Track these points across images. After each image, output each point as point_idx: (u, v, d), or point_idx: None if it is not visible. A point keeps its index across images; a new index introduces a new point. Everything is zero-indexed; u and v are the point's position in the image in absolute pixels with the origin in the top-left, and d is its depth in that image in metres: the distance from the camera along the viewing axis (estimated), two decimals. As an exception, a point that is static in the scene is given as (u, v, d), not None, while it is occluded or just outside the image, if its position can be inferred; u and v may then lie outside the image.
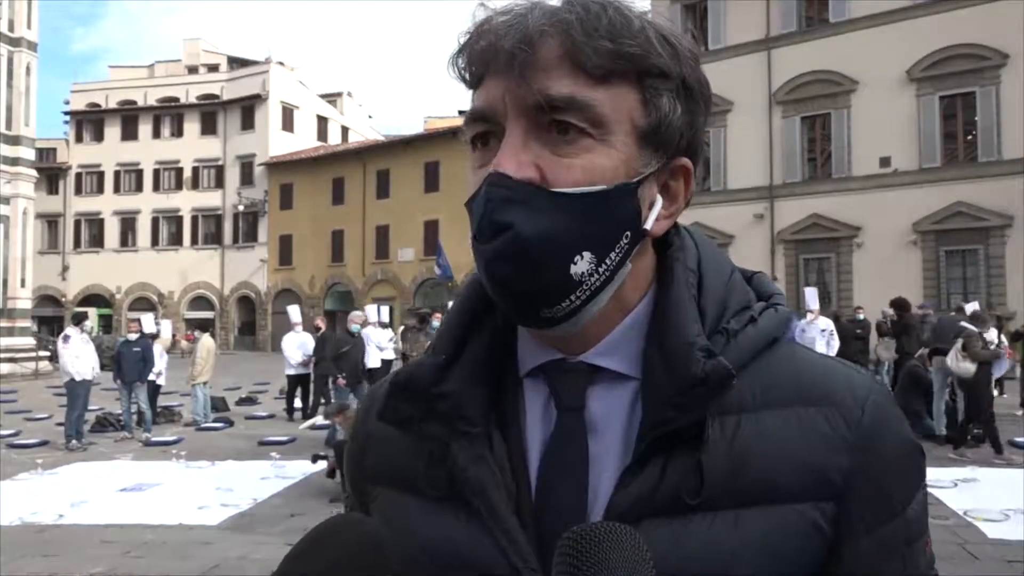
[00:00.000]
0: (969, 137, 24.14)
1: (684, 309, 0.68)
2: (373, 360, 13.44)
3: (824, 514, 0.65)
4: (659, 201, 0.69)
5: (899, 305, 14.88)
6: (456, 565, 0.67)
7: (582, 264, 0.64)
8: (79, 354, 11.62)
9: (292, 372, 14.21)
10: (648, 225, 0.68)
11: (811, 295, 13.59)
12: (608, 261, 0.65)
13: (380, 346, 13.95)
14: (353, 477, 0.82)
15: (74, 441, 11.27)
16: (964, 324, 9.70)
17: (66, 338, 11.86)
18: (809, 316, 12.95)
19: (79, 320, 12.34)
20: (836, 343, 12.93)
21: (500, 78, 0.65)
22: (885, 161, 24.84)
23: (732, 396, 0.65)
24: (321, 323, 14.67)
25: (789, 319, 0.73)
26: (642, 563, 0.55)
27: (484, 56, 0.66)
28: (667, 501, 0.64)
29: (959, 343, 9.28)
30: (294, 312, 15.15)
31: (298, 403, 14.19)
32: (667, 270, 0.71)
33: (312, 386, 14.01)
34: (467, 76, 0.68)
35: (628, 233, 0.66)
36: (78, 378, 11.48)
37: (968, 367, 9.06)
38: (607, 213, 0.65)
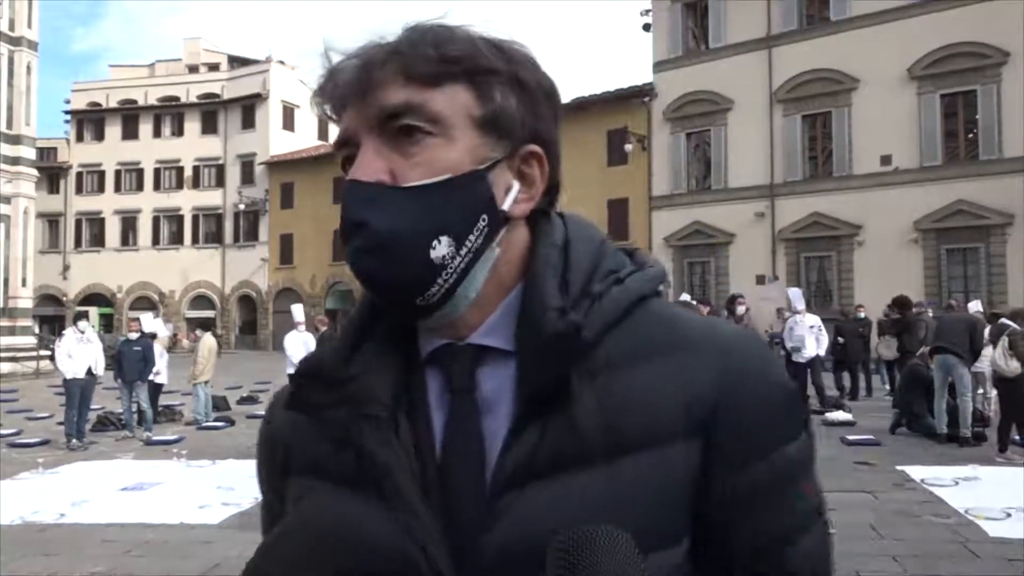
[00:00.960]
0: (970, 135, 24.13)
1: (542, 278, 0.73)
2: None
3: (695, 450, 0.70)
4: (515, 185, 0.74)
5: (901, 303, 14.88)
6: (365, 547, 0.69)
7: (441, 248, 0.69)
8: (71, 353, 11.65)
9: (293, 371, 14.21)
10: (506, 207, 0.73)
11: (795, 295, 13.68)
12: (468, 243, 0.70)
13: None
14: (268, 474, 0.84)
15: (75, 440, 11.28)
16: (1006, 321, 9.64)
17: (61, 336, 11.92)
18: (797, 315, 13.07)
19: (77, 319, 12.39)
20: (825, 339, 13.00)
21: (351, 107, 0.72)
22: (886, 159, 24.83)
23: (601, 354, 0.70)
24: (321, 323, 14.66)
25: (658, 277, 0.78)
26: (635, 569, 0.58)
27: (337, 91, 0.73)
28: (548, 462, 0.67)
29: (1005, 341, 9.17)
30: (297, 311, 15.13)
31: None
32: (533, 249, 0.76)
33: None
34: (329, 112, 0.75)
35: (485, 216, 0.71)
36: (68, 376, 11.52)
37: (1016, 366, 8.97)
38: (458, 199, 0.70)
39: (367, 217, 0.68)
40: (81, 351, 11.73)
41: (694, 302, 11.04)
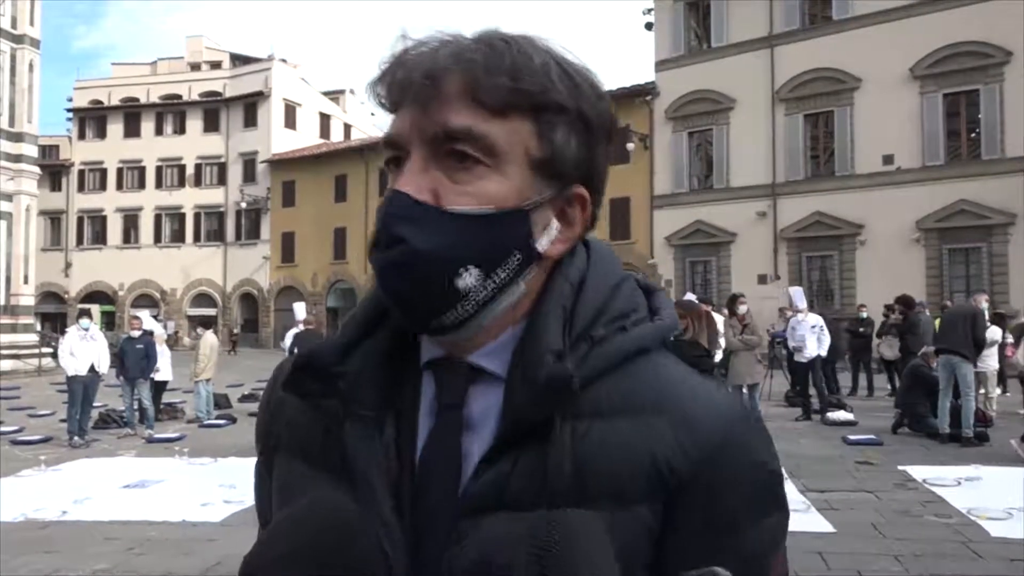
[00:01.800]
0: (972, 135, 24.11)
1: (547, 316, 0.72)
2: None
3: (656, 514, 0.69)
4: (555, 225, 0.73)
5: (904, 302, 14.87)
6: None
7: (468, 278, 0.69)
8: (73, 350, 11.67)
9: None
10: (542, 248, 0.72)
11: (797, 294, 13.65)
12: (495, 277, 0.70)
13: None
14: (263, 442, 0.85)
15: (76, 438, 11.29)
16: None
17: (64, 334, 11.93)
18: (799, 315, 13.04)
19: (81, 317, 12.40)
20: (827, 339, 12.98)
21: (409, 109, 0.71)
22: (888, 159, 24.81)
23: (587, 401, 0.69)
24: (306, 324, 14.71)
25: (666, 329, 0.76)
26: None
27: (398, 88, 0.72)
28: (514, 495, 0.67)
29: None
30: (299, 309, 15.16)
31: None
32: (548, 284, 0.75)
33: None
34: (385, 104, 0.74)
35: (518, 255, 0.71)
36: (70, 373, 11.54)
37: None
38: (496, 234, 0.69)
39: (404, 233, 0.68)
40: (84, 348, 11.73)
41: (696, 299, 10.99)
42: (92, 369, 11.71)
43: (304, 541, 0.70)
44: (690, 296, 13.36)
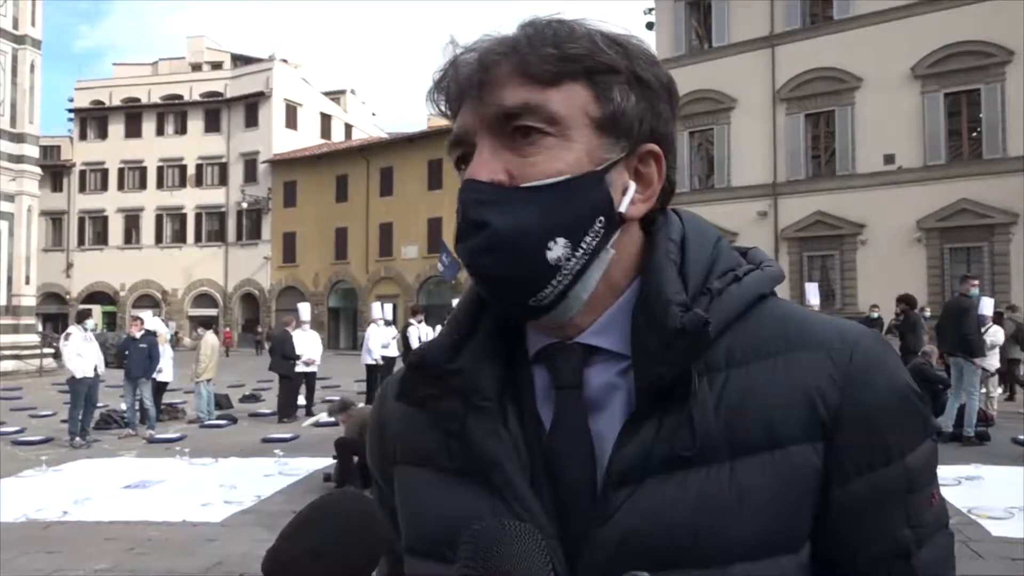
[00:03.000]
0: (974, 134, 24.09)
1: (662, 272, 0.72)
2: (374, 357, 14.58)
3: (817, 453, 0.68)
4: (632, 186, 0.73)
5: (905, 301, 14.85)
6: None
7: (557, 249, 0.68)
8: (80, 352, 11.66)
9: (299, 369, 14.25)
10: (623, 208, 0.72)
11: (811, 290, 13.64)
12: (584, 245, 0.69)
13: (383, 344, 14.71)
14: (377, 462, 0.85)
15: (78, 439, 11.30)
16: None
17: (67, 336, 11.88)
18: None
19: (82, 318, 12.39)
20: None
21: (468, 105, 0.72)
22: (889, 158, 24.79)
23: (720, 352, 0.70)
24: (287, 323, 14.85)
25: (776, 276, 0.77)
26: (538, 561, 0.60)
27: (456, 91, 0.73)
28: (664, 458, 0.67)
29: None
30: (304, 310, 15.17)
31: (301, 400, 14.23)
32: (651, 245, 0.75)
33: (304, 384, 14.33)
34: (446, 111, 0.76)
35: (602, 218, 0.70)
36: (78, 375, 11.51)
37: None
38: (575, 200, 0.69)
39: (487, 217, 0.68)
40: (89, 350, 11.78)
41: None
42: (94, 370, 11.74)
43: (332, 532, 0.70)
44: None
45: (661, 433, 0.67)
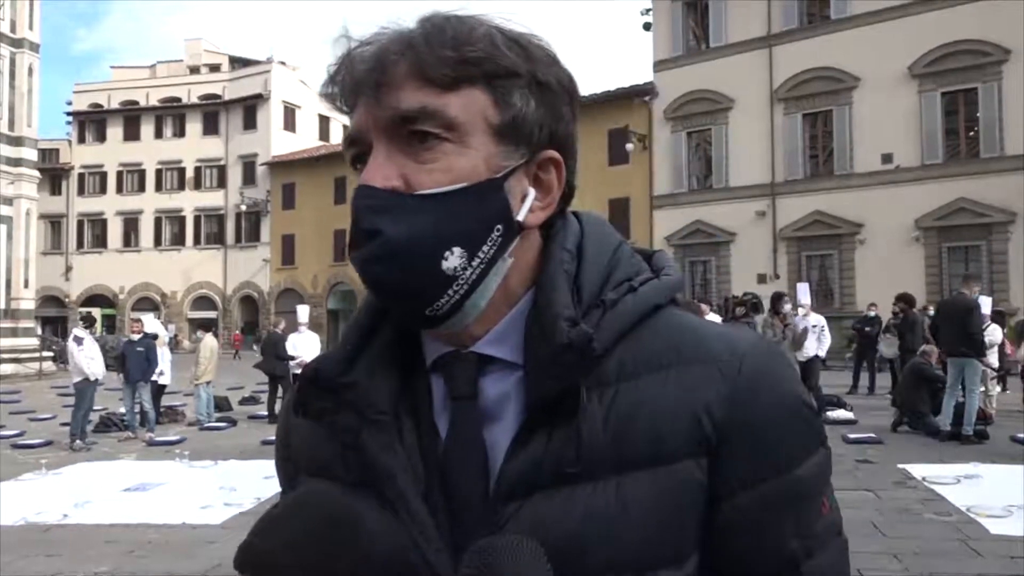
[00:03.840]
0: (971, 133, 24.13)
1: (554, 285, 0.71)
2: None
3: (701, 468, 0.68)
4: (531, 193, 0.72)
5: (904, 300, 14.86)
6: (370, 551, 0.69)
7: (453, 259, 0.67)
8: (93, 355, 11.80)
9: (299, 372, 14.29)
10: (520, 217, 0.70)
11: (802, 290, 13.63)
12: (481, 254, 0.68)
13: None
14: (282, 472, 0.84)
15: (79, 441, 11.32)
16: None
17: (78, 340, 11.93)
18: (801, 311, 12.92)
19: (91, 323, 12.49)
20: (828, 339, 12.84)
21: (363, 103, 0.69)
22: (887, 158, 24.82)
23: (611, 365, 0.69)
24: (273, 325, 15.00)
25: (674, 286, 0.76)
26: (539, 572, 0.60)
27: (349, 86, 0.70)
28: (552, 473, 0.67)
29: None
30: (303, 312, 15.16)
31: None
32: (545, 255, 0.74)
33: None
34: (342, 106, 0.73)
35: (499, 227, 0.69)
36: (92, 378, 11.64)
37: None
38: (472, 209, 0.68)
39: (380, 225, 0.66)
40: (96, 352, 11.89)
41: (697, 302, 11.01)
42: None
43: (308, 526, 0.70)
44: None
45: (550, 447, 0.67)
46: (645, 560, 0.65)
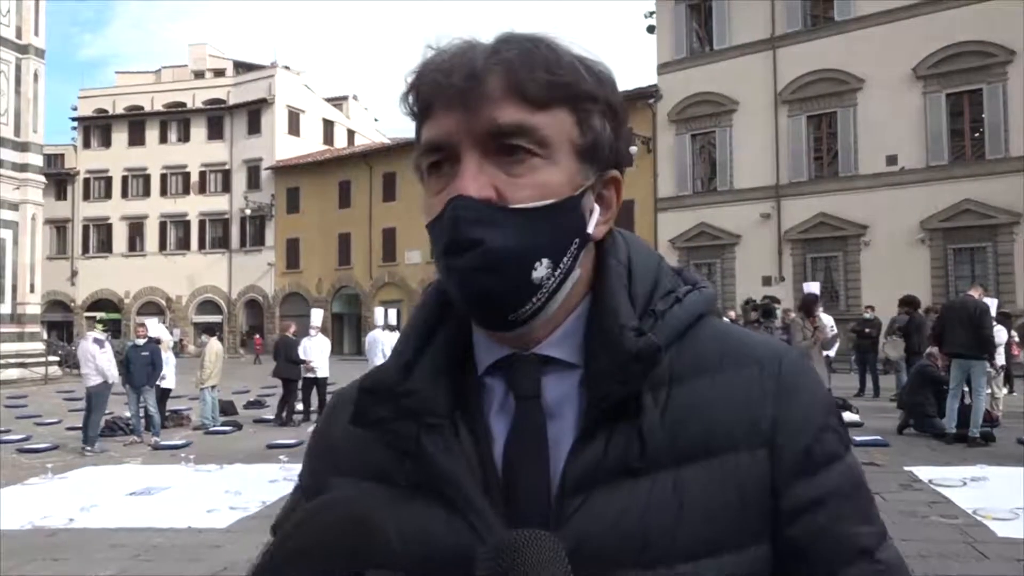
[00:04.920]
0: (976, 134, 24.07)
1: (616, 296, 0.76)
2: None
3: (759, 459, 0.72)
4: (596, 209, 0.77)
5: (909, 303, 14.84)
6: (434, 552, 0.71)
7: (541, 270, 0.72)
8: (111, 358, 11.99)
9: (312, 376, 14.30)
10: (591, 230, 0.76)
11: (812, 289, 13.57)
12: (562, 265, 0.73)
13: (384, 352, 14.61)
14: (315, 468, 0.85)
15: (98, 444, 11.46)
16: None
17: (100, 342, 12.06)
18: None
19: (107, 327, 12.65)
20: (838, 340, 12.78)
21: (452, 111, 0.72)
22: (892, 159, 24.77)
23: (663, 370, 0.73)
24: (284, 329, 15.09)
25: (712, 298, 0.82)
26: (559, 568, 0.62)
27: (433, 91, 0.73)
28: (614, 469, 0.70)
29: None
30: (316, 316, 15.15)
31: (299, 406, 14.29)
32: (603, 266, 0.79)
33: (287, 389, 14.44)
34: (416, 110, 0.76)
35: (577, 240, 0.74)
36: (111, 381, 11.84)
37: None
38: (559, 223, 0.73)
39: (482, 235, 0.69)
40: (113, 356, 12.13)
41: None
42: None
43: (328, 534, 0.70)
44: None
45: (611, 444, 0.71)
46: (704, 546, 0.69)
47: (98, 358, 11.75)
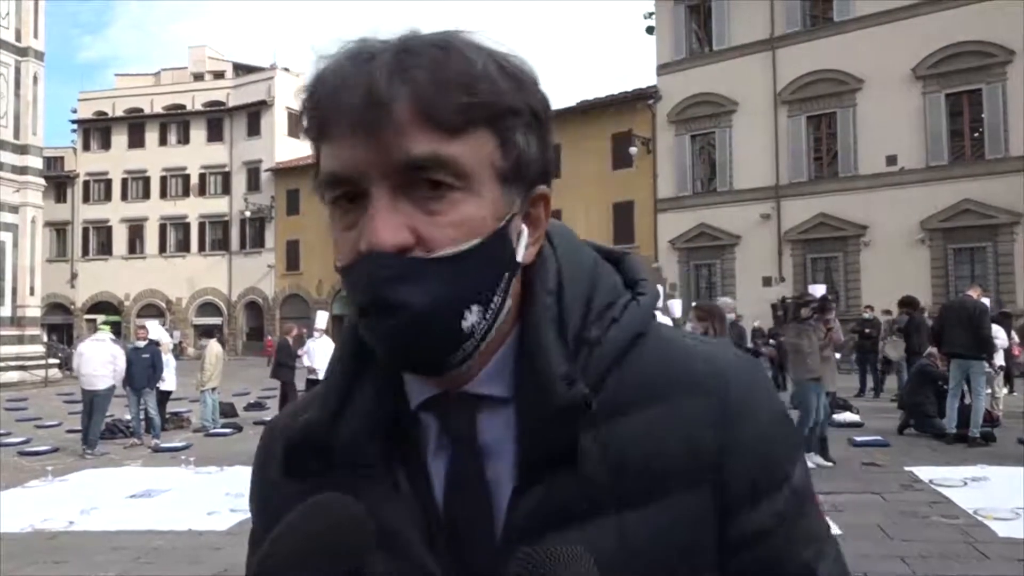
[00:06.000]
0: (976, 134, 24.07)
1: (545, 335, 0.69)
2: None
3: (705, 494, 0.68)
4: (525, 232, 0.69)
5: (908, 304, 14.84)
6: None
7: (471, 317, 0.65)
8: (123, 360, 12.16)
9: (314, 379, 14.30)
10: (520, 258, 0.68)
11: (818, 292, 13.55)
12: (492, 306, 0.66)
13: None
14: (264, 521, 0.79)
15: (98, 447, 11.48)
16: None
17: (116, 342, 12.48)
18: None
19: (117, 331, 12.78)
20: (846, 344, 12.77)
21: (354, 139, 0.63)
22: (891, 159, 24.78)
23: (602, 404, 0.67)
24: (286, 332, 15.13)
25: (652, 305, 0.75)
26: None
27: (329, 114, 0.64)
28: (556, 515, 0.66)
29: None
30: (321, 318, 15.11)
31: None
32: (530, 296, 0.71)
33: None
34: (312, 135, 0.68)
35: (506, 273, 0.67)
36: (118, 383, 12.00)
37: None
38: (486, 263, 0.65)
39: (405, 298, 0.62)
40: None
41: (720, 305, 10.78)
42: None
43: (317, 534, 0.69)
44: (726, 301, 13.05)
45: (552, 491, 0.66)
46: None
47: (119, 360, 11.81)
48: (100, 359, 11.78)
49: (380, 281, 0.62)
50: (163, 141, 47.58)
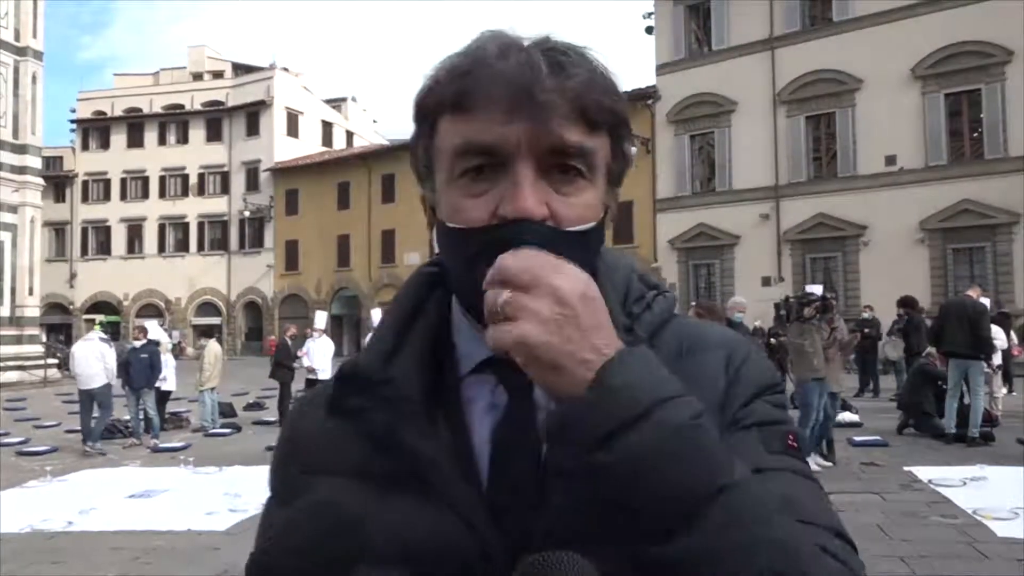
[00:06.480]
0: (975, 134, 24.10)
1: (609, 299, 0.75)
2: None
3: (720, 421, 0.75)
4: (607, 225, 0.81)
5: (907, 304, 14.86)
6: (416, 543, 0.69)
7: None
8: (115, 359, 12.27)
9: (313, 378, 14.30)
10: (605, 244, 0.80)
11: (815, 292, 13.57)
12: None
13: None
14: (285, 471, 0.83)
15: (99, 444, 11.55)
16: None
17: (107, 342, 12.41)
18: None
19: (107, 329, 12.82)
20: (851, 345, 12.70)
21: (511, 116, 0.70)
22: (891, 159, 24.80)
23: None
24: (285, 331, 15.18)
25: (674, 302, 0.87)
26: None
27: (489, 92, 0.71)
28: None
29: None
30: (320, 318, 15.11)
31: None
32: (595, 272, 0.79)
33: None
34: (453, 101, 0.73)
35: (598, 257, 0.79)
36: (112, 381, 12.11)
37: None
38: (594, 244, 0.77)
39: None
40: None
41: (718, 304, 10.84)
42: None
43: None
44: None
45: None
46: None
47: (108, 357, 11.83)
48: (90, 358, 11.88)
49: (527, 244, 0.68)
50: (162, 141, 47.56)
